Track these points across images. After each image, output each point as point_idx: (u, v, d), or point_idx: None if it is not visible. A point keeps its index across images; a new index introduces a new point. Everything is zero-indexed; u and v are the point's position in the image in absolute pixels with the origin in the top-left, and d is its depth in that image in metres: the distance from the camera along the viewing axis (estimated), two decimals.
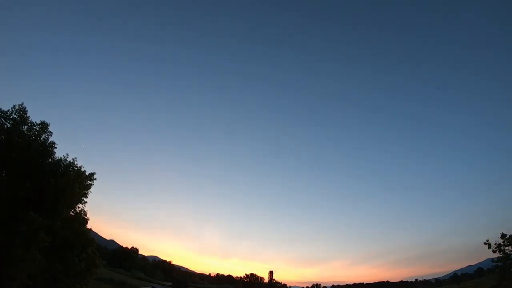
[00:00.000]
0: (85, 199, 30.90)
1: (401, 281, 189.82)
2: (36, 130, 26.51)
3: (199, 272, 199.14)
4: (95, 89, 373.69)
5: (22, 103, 26.23)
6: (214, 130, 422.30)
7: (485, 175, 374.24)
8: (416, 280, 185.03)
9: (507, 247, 41.76)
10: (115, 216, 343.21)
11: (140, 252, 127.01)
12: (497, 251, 42.48)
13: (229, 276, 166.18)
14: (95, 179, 30.66)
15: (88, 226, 34.08)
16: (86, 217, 31.94)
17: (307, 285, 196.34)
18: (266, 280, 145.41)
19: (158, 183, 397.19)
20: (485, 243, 43.73)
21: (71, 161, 28.38)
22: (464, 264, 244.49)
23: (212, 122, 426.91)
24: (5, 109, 25.76)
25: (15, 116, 25.82)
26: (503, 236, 42.15)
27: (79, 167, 28.77)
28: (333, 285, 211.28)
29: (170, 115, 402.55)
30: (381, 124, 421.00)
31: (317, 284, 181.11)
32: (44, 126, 26.83)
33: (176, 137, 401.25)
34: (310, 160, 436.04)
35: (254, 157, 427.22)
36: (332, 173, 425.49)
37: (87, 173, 29.89)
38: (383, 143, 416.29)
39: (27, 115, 26.28)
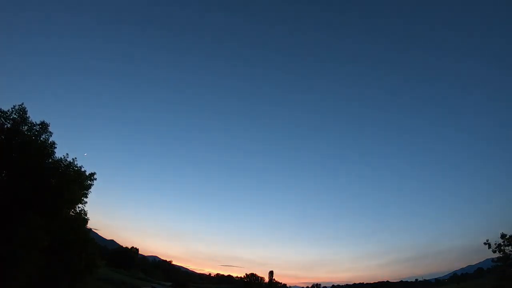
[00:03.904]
0: (85, 199, 30.97)
1: (401, 281, 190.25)
2: (36, 130, 26.54)
3: (199, 272, 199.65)
4: (96, 89, 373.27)
5: (22, 103, 26.28)
6: (215, 132, 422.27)
7: (485, 176, 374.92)
8: (416, 280, 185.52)
9: (507, 247, 41.70)
10: (115, 216, 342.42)
11: (140, 252, 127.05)
12: (497, 251, 42.43)
13: (229, 276, 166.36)
14: (95, 179, 30.79)
15: (88, 226, 34.18)
16: (86, 217, 32.02)
17: (307, 285, 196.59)
18: (266, 280, 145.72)
19: (159, 184, 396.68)
20: (485, 243, 43.68)
21: (71, 161, 28.44)
22: (464, 264, 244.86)
23: (214, 123, 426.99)
24: (5, 109, 25.81)
25: (15, 116, 25.82)
26: (503, 236, 42.09)
27: (79, 167, 28.84)
28: (333, 285, 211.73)
29: (173, 117, 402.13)
30: (382, 125, 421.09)
31: (317, 284, 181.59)
32: (44, 126, 26.86)
33: (178, 138, 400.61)
34: (311, 161, 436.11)
35: (255, 158, 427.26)
36: (332, 174, 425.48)
37: (87, 173, 29.97)
38: (383, 144, 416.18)
39: (27, 115, 26.31)
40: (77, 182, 28.31)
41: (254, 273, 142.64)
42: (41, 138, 26.83)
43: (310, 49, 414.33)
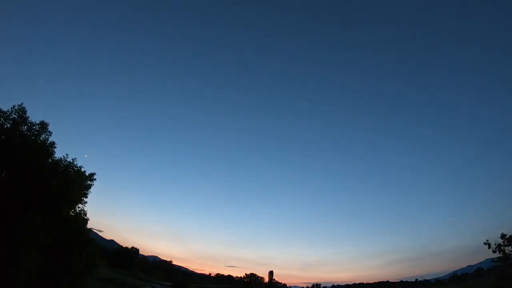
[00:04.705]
0: (85, 199, 31.02)
1: (401, 281, 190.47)
2: (36, 130, 26.50)
3: (199, 272, 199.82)
4: (96, 90, 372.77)
5: (22, 103, 26.23)
6: (215, 130, 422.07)
7: (485, 175, 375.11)
8: (416, 280, 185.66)
9: (507, 247, 41.63)
10: (115, 216, 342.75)
11: (140, 252, 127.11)
12: (497, 251, 42.42)
13: (229, 276, 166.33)
14: (95, 179, 30.81)
15: (92, 227, 34.28)
16: (86, 217, 32.06)
17: (307, 285, 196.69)
18: (266, 280, 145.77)
19: (159, 184, 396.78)
20: (485, 243, 43.62)
21: (71, 161, 28.47)
22: (464, 264, 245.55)
23: (214, 122, 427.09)
24: (5, 109, 25.78)
25: (14, 116, 25.79)
26: (503, 236, 42.03)
27: (79, 167, 28.85)
28: (333, 285, 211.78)
29: (172, 116, 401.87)
30: (382, 125, 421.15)
31: (317, 284, 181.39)
32: (43, 126, 26.81)
33: (177, 137, 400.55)
34: (311, 162, 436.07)
35: (255, 158, 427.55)
36: (332, 173, 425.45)
37: (87, 173, 30.00)
38: (383, 144, 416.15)
39: (27, 115, 26.28)
40: (77, 182, 28.33)
41: (254, 273, 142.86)
42: (41, 138, 26.78)
43: (316, 56, 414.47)
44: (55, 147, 27.53)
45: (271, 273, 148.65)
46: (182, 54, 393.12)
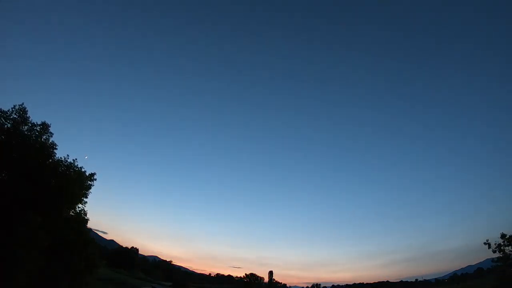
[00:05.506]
0: (85, 199, 31.05)
1: (401, 281, 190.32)
2: (37, 131, 26.53)
3: (199, 272, 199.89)
4: (98, 90, 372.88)
5: (23, 103, 26.25)
6: (216, 131, 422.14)
7: (485, 175, 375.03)
8: (416, 280, 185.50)
9: (507, 247, 41.76)
10: (115, 217, 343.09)
11: (140, 252, 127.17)
12: (497, 251, 42.49)
13: (229, 276, 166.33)
14: (95, 179, 30.84)
15: (88, 226, 34.23)
16: (86, 217, 32.06)
17: (307, 285, 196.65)
18: (266, 280, 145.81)
19: (159, 184, 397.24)
20: (485, 243, 43.75)
21: (72, 161, 28.50)
22: (464, 264, 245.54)
23: (215, 122, 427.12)
24: (5, 109, 25.77)
25: (15, 116, 25.80)
26: (503, 236, 42.14)
27: (80, 167, 28.87)
28: (333, 285, 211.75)
29: (173, 116, 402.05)
30: (381, 124, 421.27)
31: (317, 284, 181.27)
32: (45, 127, 26.86)
33: (178, 138, 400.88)
34: (310, 162, 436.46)
35: (256, 159, 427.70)
36: (332, 173, 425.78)
37: (87, 174, 30.01)
38: (383, 144, 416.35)
39: (27, 115, 26.30)
40: (77, 182, 28.34)
41: (254, 273, 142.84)
42: (42, 139, 26.82)
43: (315, 56, 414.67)
44: (56, 148, 27.59)
45: (271, 273, 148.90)
46: (183, 54, 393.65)
